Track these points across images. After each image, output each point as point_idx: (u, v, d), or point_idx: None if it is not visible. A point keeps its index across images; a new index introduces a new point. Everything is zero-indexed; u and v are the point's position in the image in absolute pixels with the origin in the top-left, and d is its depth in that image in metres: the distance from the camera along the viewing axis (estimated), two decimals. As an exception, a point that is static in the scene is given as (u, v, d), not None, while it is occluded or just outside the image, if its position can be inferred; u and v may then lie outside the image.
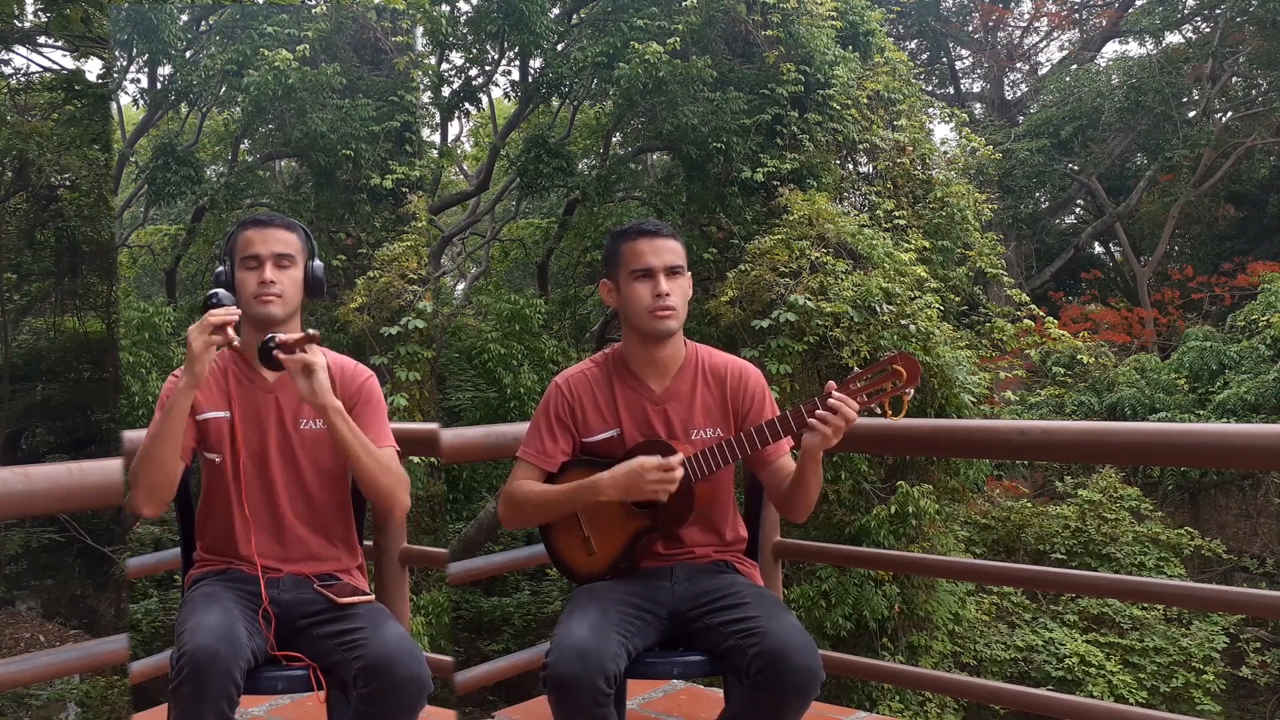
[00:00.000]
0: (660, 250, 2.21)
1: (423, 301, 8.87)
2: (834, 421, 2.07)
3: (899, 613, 8.37)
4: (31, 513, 4.44)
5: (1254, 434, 2.43)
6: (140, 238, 11.84)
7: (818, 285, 8.18)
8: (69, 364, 12.15)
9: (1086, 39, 20.26)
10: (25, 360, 11.97)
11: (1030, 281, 17.31)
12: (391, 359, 8.55)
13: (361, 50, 10.15)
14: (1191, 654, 9.62)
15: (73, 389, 11.96)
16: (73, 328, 12.22)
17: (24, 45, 10.45)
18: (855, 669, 3.36)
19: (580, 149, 11.16)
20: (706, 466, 2.18)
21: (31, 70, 11.04)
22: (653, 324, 2.22)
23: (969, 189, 10.53)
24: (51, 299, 12.34)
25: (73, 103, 10.50)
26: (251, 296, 2.15)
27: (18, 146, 10.53)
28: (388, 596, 3.07)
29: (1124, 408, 11.98)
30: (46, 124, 10.76)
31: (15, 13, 9.74)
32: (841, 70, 10.04)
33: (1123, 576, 4.08)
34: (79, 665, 3.37)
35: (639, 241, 2.22)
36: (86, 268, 11.86)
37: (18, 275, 11.75)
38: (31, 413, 11.92)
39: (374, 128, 9.70)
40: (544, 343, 10.09)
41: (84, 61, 10.48)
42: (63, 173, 11.42)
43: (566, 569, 2.33)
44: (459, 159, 14.05)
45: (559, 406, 2.30)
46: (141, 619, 8.71)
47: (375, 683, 1.95)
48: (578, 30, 10.94)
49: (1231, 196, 17.89)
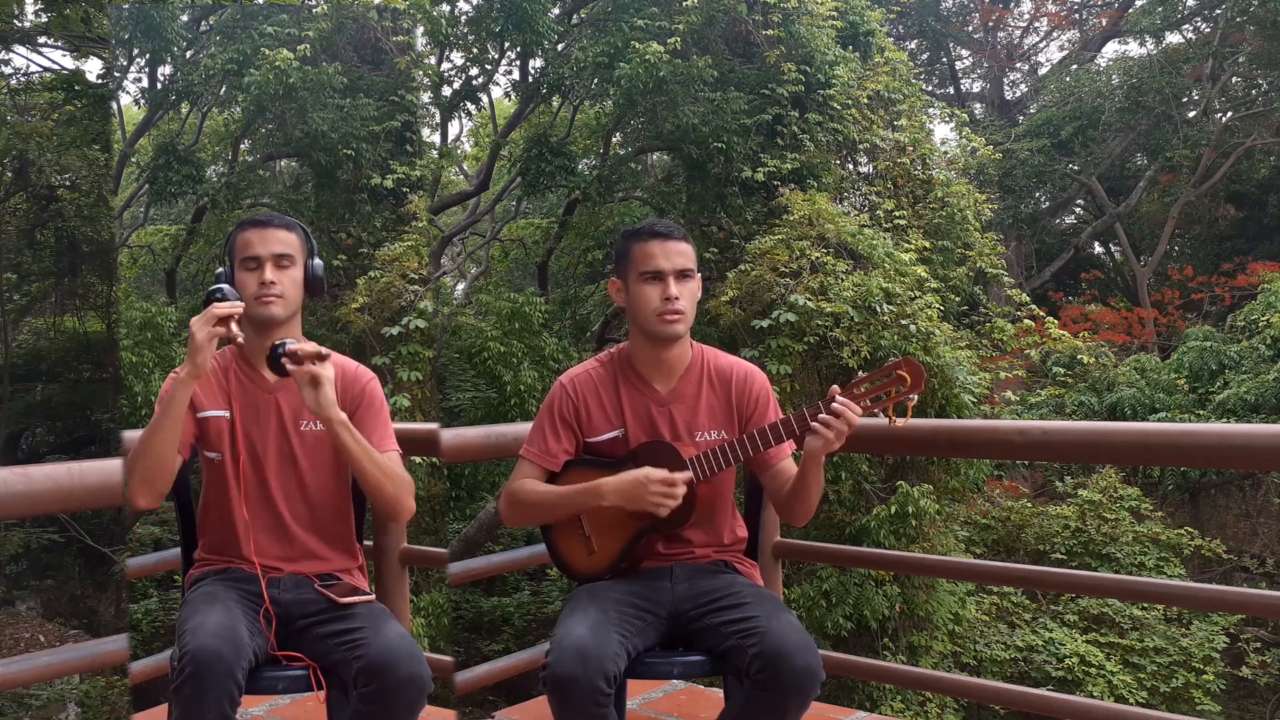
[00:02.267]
0: (671, 253, 2.21)
1: (423, 301, 8.87)
2: (837, 426, 2.07)
3: (899, 613, 8.37)
4: (31, 513, 4.44)
5: (1254, 434, 2.43)
6: (140, 238, 11.83)
7: (818, 285, 8.18)
8: (69, 364, 12.15)
9: (1086, 39, 20.26)
10: (25, 360, 11.97)
11: (1030, 281, 17.31)
12: (393, 359, 8.56)
13: (362, 50, 10.15)
14: (1191, 654, 9.62)
15: (73, 389, 11.96)
16: (73, 328, 12.22)
17: (24, 45, 10.46)
18: (855, 669, 3.36)
19: (580, 149, 11.15)
20: (710, 468, 2.18)
21: (31, 70, 11.06)
22: (660, 327, 2.22)
23: (969, 189, 10.53)
24: (51, 299, 12.34)
25: (73, 103, 10.51)
26: (252, 297, 2.15)
27: (18, 146, 10.54)
28: (388, 596, 3.07)
29: (1124, 408, 11.98)
30: (46, 124, 10.76)
31: (15, 13, 9.75)
32: (842, 70, 10.04)
33: (1123, 576, 4.08)
34: (79, 665, 3.37)
35: (650, 243, 2.22)
36: (86, 268, 11.86)
37: (18, 275, 11.76)
38: (31, 413, 11.92)
39: (375, 127, 9.69)
40: (544, 341, 10.09)
41: (84, 61, 10.50)
42: (63, 173, 11.43)
43: (567, 568, 2.33)
44: (459, 159, 14.05)
45: (563, 406, 2.30)
46: (141, 619, 8.71)
47: (375, 682, 1.95)
48: (578, 30, 10.93)
49: (1231, 196, 17.89)
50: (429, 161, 10.72)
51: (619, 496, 2.15)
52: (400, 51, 10.11)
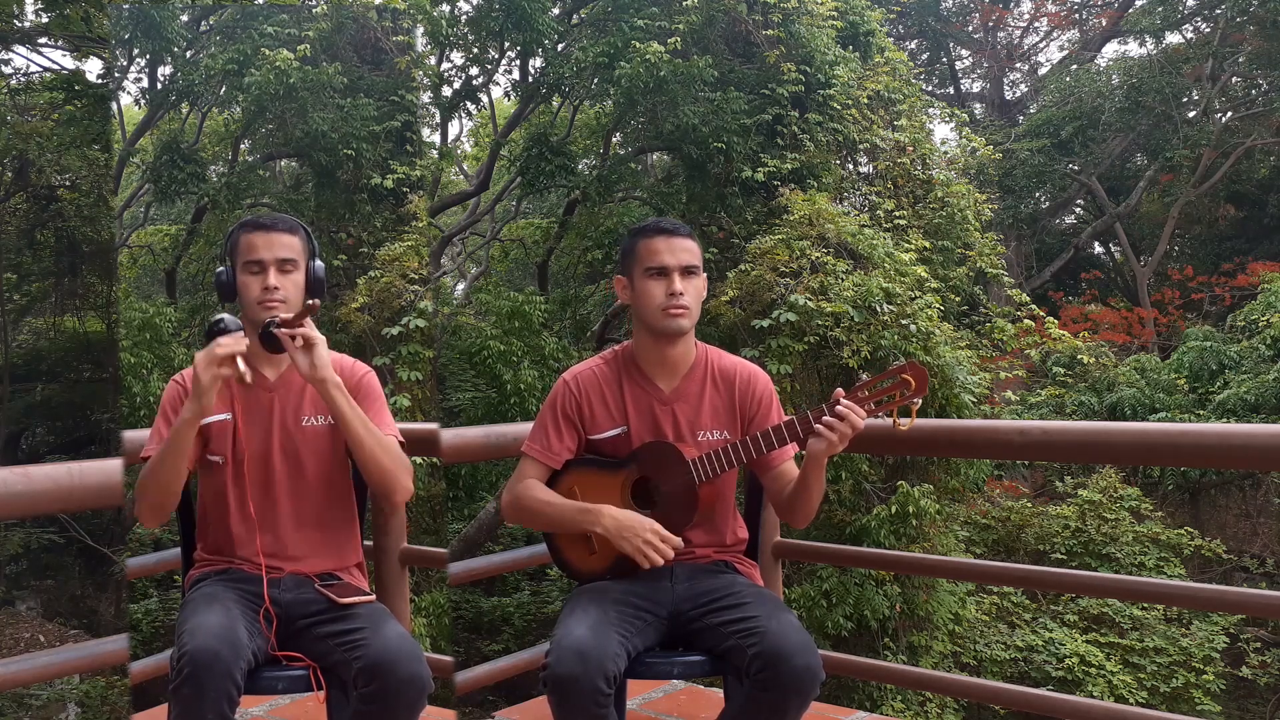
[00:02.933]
0: (676, 249, 2.23)
1: (423, 301, 8.87)
2: (841, 429, 2.07)
3: (899, 613, 8.37)
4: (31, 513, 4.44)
5: (1254, 434, 2.43)
6: (140, 238, 11.84)
7: (818, 285, 8.18)
8: (69, 364, 12.15)
9: (1086, 39, 20.26)
10: (25, 360, 11.97)
11: (1030, 281, 17.31)
12: (393, 359, 8.56)
13: (362, 50, 10.15)
14: (1191, 654, 9.62)
15: (72, 389, 11.97)
16: (72, 328, 12.22)
17: (24, 45, 10.46)
18: (855, 669, 3.36)
19: (580, 149, 11.15)
20: (712, 469, 2.18)
21: (31, 70, 11.06)
22: (665, 322, 2.22)
23: (969, 189, 10.53)
24: (51, 299, 12.34)
25: (73, 103, 10.51)
26: (255, 302, 2.16)
27: (18, 146, 10.54)
28: (388, 596, 3.07)
29: (1124, 408, 11.98)
30: (46, 124, 10.76)
31: (15, 13, 9.75)
32: (842, 70, 10.04)
33: (1123, 577, 4.08)
34: (79, 665, 3.37)
35: (655, 240, 2.23)
36: (86, 268, 11.87)
37: (18, 275, 11.76)
38: (31, 413, 11.92)
39: (375, 127, 9.69)
40: (544, 340, 10.09)
41: (84, 61, 10.50)
42: (63, 173, 11.43)
43: (567, 567, 2.33)
44: (459, 159, 14.04)
45: (566, 403, 2.30)
46: (141, 619, 8.71)
47: (376, 682, 1.95)
48: (578, 30, 10.93)
49: (1231, 196, 17.89)
50: (429, 162, 10.72)
51: (613, 529, 2.16)
52: (400, 51, 10.11)
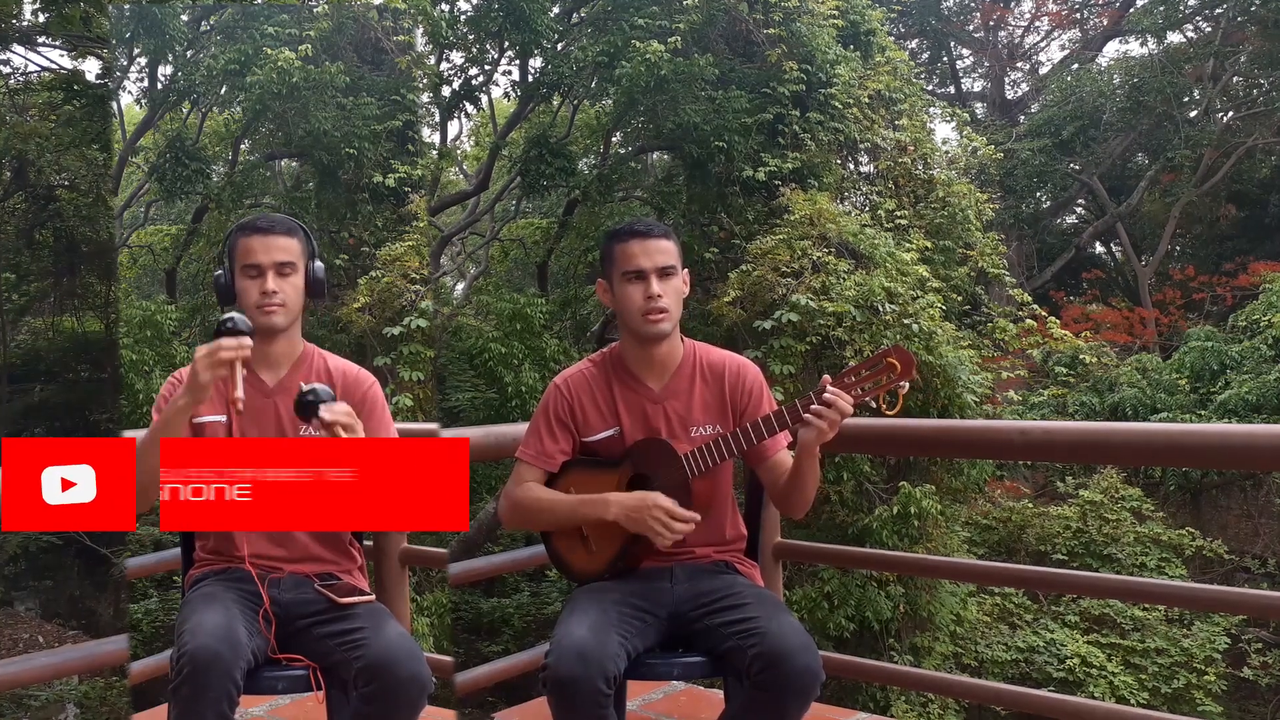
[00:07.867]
0: (651, 251, 2.21)
1: (424, 301, 8.87)
2: (829, 415, 2.07)
3: (902, 614, 8.36)
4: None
5: (1255, 434, 2.42)
6: (140, 238, 11.84)
7: (820, 285, 8.18)
8: (68, 364, 12.15)
9: (1087, 38, 20.24)
10: (24, 360, 11.97)
11: (1032, 281, 17.29)
12: (394, 359, 8.55)
13: (362, 50, 10.14)
14: (1193, 655, 9.61)
15: (71, 389, 11.96)
16: (71, 328, 12.21)
17: (23, 45, 10.45)
18: (856, 670, 3.35)
19: (581, 148, 11.15)
20: (704, 463, 2.18)
21: (31, 70, 11.05)
22: (645, 326, 2.22)
23: (970, 189, 10.53)
24: (50, 299, 12.34)
25: (72, 103, 10.50)
26: (254, 306, 2.15)
27: (17, 146, 10.53)
28: (388, 597, 3.06)
29: (1125, 408, 11.97)
30: (46, 124, 10.76)
31: (15, 12, 9.74)
32: (843, 69, 10.03)
33: (1124, 577, 4.07)
34: (78, 666, 3.37)
35: (630, 243, 2.22)
36: (86, 268, 11.87)
37: (17, 275, 11.76)
38: (31, 413, 11.91)
39: (376, 127, 9.69)
40: (545, 342, 10.08)
41: (83, 61, 10.49)
42: (62, 173, 11.43)
43: (565, 568, 2.32)
44: (459, 159, 14.04)
45: (558, 406, 2.29)
46: (141, 619, 8.70)
47: (376, 683, 1.95)
48: (578, 29, 10.93)
49: (1233, 196, 17.87)
50: (429, 161, 10.72)
51: (623, 514, 2.16)
52: (400, 51, 10.10)
